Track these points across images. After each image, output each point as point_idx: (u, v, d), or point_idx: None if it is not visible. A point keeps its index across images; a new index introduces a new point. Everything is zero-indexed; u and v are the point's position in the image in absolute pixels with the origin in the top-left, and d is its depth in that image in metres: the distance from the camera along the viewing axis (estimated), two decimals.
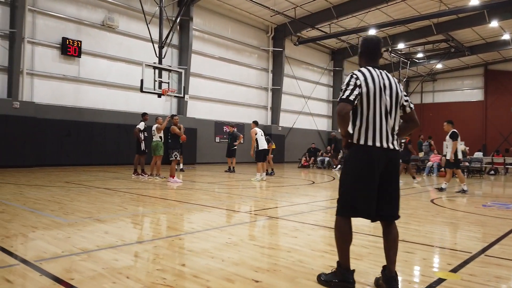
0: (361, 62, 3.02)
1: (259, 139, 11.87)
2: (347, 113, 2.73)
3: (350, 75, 2.83)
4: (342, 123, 2.77)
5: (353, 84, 2.77)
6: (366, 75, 2.82)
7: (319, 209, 6.61)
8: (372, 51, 2.99)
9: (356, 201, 2.78)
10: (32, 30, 14.49)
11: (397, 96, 2.87)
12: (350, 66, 29.90)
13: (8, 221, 4.76)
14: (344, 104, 2.73)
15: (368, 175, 2.75)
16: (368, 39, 3.02)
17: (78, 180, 10.20)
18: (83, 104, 15.85)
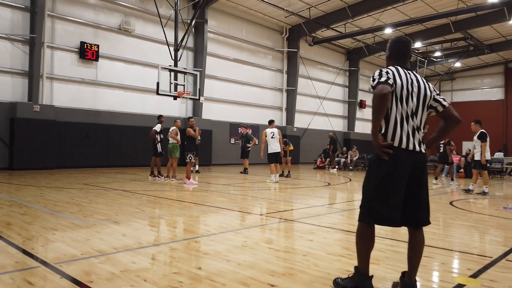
0: (388, 64, 2.89)
1: (270, 142, 11.67)
2: (388, 92, 2.51)
3: (378, 70, 2.70)
4: (380, 108, 2.52)
5: (386, 73, 2.64)
6: (394, 72, 2.71)
7: (335, 212, 6.56)
8: (402, 54, 2.86)
9: (380, 208, 2.65)
10: (51, 35, 14.84)
11: (425, 96, 2.73)
12: (365, 66, 29.63)
13: (29, 223, 4.88)
14: (383, 85, 2.54)
15: (393, 180, 2.62)
16: (398, 41, 2.89)
17: (96, 182, 10.38)
18: (101, 107, 16.13)
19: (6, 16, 13.87)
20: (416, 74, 2.81)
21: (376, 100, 2.53)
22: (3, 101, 13.78)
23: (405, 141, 2.65)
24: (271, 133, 11.72)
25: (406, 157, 2.65)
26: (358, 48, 27.36)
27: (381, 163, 2.68)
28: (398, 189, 2.64)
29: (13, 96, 14.06)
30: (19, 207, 6.04)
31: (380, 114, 2.56)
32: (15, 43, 14.10)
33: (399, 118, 2.66)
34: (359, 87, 28.67)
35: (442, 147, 12.44)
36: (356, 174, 16.34)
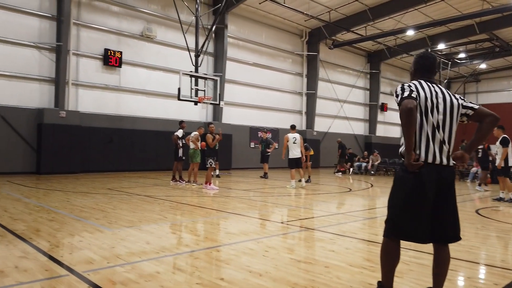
0: (413, 79, 2.87)
1: (291, 147, 11.60)
2: (414, 107, 2.49)
3: (400, 85, 2.70)
4: (409, 124, 2.50)
5: (408, 87, 2.65)
6: (416, 85, 2.70)
7: (357, 220, 6.50)
8: (427, 69, 2.84)
9: (406, 224, 2.62)
10: (76, 43, 15.28)
11: (451, 106, 2.68)
12: (387, 68, 29.24)
13: (57, 230, 5.04)
14: (407, 99, 2.52)
15: (419, 195, 2.58)
16: (424, 56, 2.86)
17: (119, 186, 10.61)
18: (124, 112, 16.49)
19: (34, 25, 14.37)
20: (440, 87, 2.78)
21: (403, 116, 2.51)
22: (31, 107, 14.27)
23: (431, 155, 2.61)
24: (293, 138, 11.65)
25: (432, 172, 2.61)
26: (379, 50, 27.03)
27: (407, 178, 2.66)
28: (424, 205, 2.60)
29: (40, 103, 14.54)
30: (47, 213, 6.24)
31: (411, 129, 2.52)
32: (43, 51, 14.59)
33: (424, 131, 2.63)
34: (380, 89, 28.30)
35: (481, 152, 12.15)
36: (378, 179, 16.11)
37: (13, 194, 8.49)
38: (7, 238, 4.55)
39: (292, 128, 12.08)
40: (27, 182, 11.25)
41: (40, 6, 14.48)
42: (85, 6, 15.52)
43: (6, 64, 13.73)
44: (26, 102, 14.21)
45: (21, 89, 14.11)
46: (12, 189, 9.43)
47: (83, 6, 15.47)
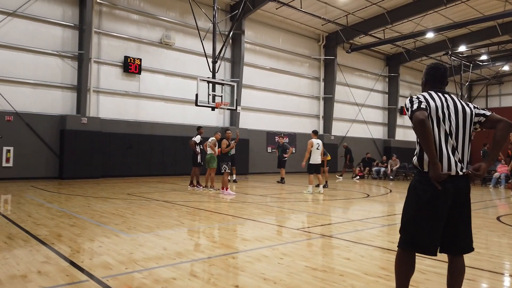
0: (424, 90, 2.87)
1: (314, 152, 11.53)
2: (426, 118, 2.49)
3: (409, 98, 2.72)
4: (425, 135, 2.49)
5: (417, 99, 2.66)
6: (425, 96, 2.71)
7: (374, 227, 6.44)
8: (438, 80, 2.83)
9: (418, 235, 2.62)
10: (97, 51, 15.68)
11: (464, 115, 2.65)
12: (406, 72, 28.85)
13: (78, 235, 5.19)
14: (418, 111, 2.53)
15: (432, 207, 2.56)
16: (434, 67, 2.86)
17: (138, 192, 10.80)
18: (143, 118, 16.80)
19: (57, 34, 14.84)
20: (452, 96, 2.77)
21: (417, 128, 2.51)
22: (54, 114, 14.70)
23: (445, 166, 2.59)
24: (316, 143, 11.52)
25: (447, 182, 2.58)
26: (398, 53, 26.71)
27: (421, 188, 2.64)
28: (438, 216, 2.58)
29: (63, 109, 14.97)
30: (68, 218, 6.43)
31: (428, 140, 2.50)
32: (65, 59, 15.04)
33: (437, 141, 2.61)
34: (399, 93, 27.91)
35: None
36: (397, 185, 15.88)
37: (37, 199, 8.76)
38: (31, 243, 4.72)
39: (315, 134, 11.94)
40: (50, 187, 11.58)
41: (63, 15, 14.95)
42: (106, 15, 15.93)
43: (30, 72, 14.21)
44: (49, 109, 14.66)
45: (44, 96, 14.56)
46: (36, 194, 9.73)
47: (104, 15, 15.88)
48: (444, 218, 2.59)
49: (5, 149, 13.56)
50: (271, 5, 18.74)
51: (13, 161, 13.69)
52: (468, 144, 2.68)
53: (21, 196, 9.26)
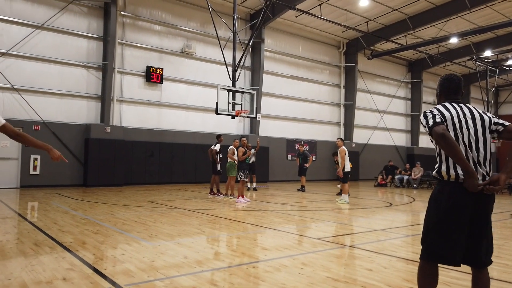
0: (439, 101, 2.86)
1: (346, 160, 11.16)
2: (445, 131, 2.47)
3: (423, 113, 2.72)
4: (450, 147, 2.46)
5: (431, 113, 2.64)
6: (439, 108, 2.70)
7: (397, 237, 6.30)
8: (453, 91, 2.82)
9: (440, 246, 2.57)
10: (121, 61, 16.08)
11: (482, 123, 2.62)
12: (429, 77, 28.31)
13: (101, 243, 5.29)
14: (436, 127, 2.51)
15: (453, 217, 2.52)
16: (448, 79, 2.84)
17: (160, 199, 10.94)
18: (164, 127, 17.06)
19: (83, 46, 15.31)
20: (469, 106, 2.74)
21: (440, 143, 2.50)
22: (79, 123, 15.12)
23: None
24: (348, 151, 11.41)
25: (466, 192, 2.52)
26: (420, 59, 26.26)
27: (441, 198, 2.62)
28: (460, 226, 2.53)
29: (87, 118, 15.38)
30: (92, 226, 6.56)
31: (455, 151, 2.46)
32: (90, 69, 15.48)
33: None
34: (422, 99, 27.38)
35: None
36: (421, 193, 15.52)
37: (62, 207, 8.99)
38: (56, 250, 4.83)
39: (343, 141, 11.79)
40: (75, 195, 11.88)
41: (88, 28, 15.43)
42: (129, 26, 16.35)
43: (57, 83, 14.69)
44: (74, 118, 15.08)
45: (70, 106, 15.01)
46: (61, 202, 9.99)
47: (127, 26, 16.30)
48: (466, 228, 2.54)
49: (33, 158, 14.01)
50: (290, 13, 18.81)
51: (40, 169, 14.12)
52: (489, 151, 2.62)
53: (48, 204, 9.52)
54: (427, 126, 2.60)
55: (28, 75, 14.09)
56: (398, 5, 18.82)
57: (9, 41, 13.72)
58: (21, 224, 6.77)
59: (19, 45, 13.89)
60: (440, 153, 2.64)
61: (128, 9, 16.27)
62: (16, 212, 8.22)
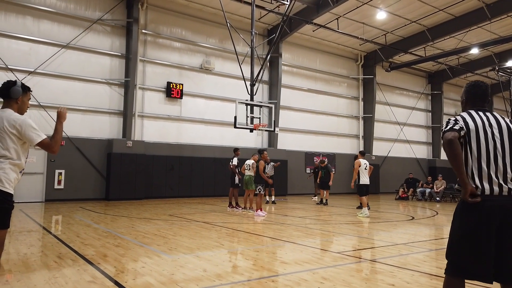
0: (465, 109, 2.79)
1: (362, 173, 11.13)
2: (453, 138, 2.45)
3: (449, 118, 2.68)
4: (452, 156, 2.45)
5: (454, 120, 2.61)
6: (464, 116, 2.64)
7: (420, 251, 6.15)
8: (479, 98, 2.75)
9: (466, 261, 2.47)
10: (142, 78, 16.50)
11: (509, 132, 2.56)
12: (450, 89, 27.86)
13: (122, 255, 5.36)
14: (448, 132, 2.51)
15: (478, 230, 2.44)
16: (475, 85, 2.78)
17: (180, 213, 11.03)
18: (184, 141, 17.30)
19: (106, 64, 15.81)
20: (495, 114, 2.68)
21: (445, 148, 2.50)
22: (102, 138, 15.50)
23: (492, 186, 2.48)
24: (364, 163, 11.28)
25: (494, 204, 2.45)
26: (440, 70, 25.93)
27: (466, 211, 2.54)
28: (485, 240, 2.44)
29: (110, 134, 15.76)
30: (113, 239, 6.67)
31: (456, 160, 2.46)
32: (113, 86, 15.93)
33: (481, 161, 2.51)
34: (443, 111, 26.90)
35: None
36: (444, 207, 15.12)
37: (85, 220, 9.18)
38: (78, 262, 4.93)
39: (362, 154, 11.69)
40: (97, 208, 12.10)
41: (111, 46, 15.94)
42: (150, 44, 16.81)
43: (81, 99, 15.16)
44: (97, 134, 15.48)
45: (93, 121, 15.43)
46: (84, 215, 10.20)
47: (148, 44, 16.76)
48: (492, 241, 2.45)
49: (57, 172, 14.40)
50: (307, 27, 18.96)
51: (64, 183, 14.49)
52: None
53: (71, 217, 9.74)
54: (443, 129, 2.59)
55: (53, 92, 14.61)
56: (416, 17, 18.73)
57: (37, 60, 14.30)
58: (45, 237, 6.95)
59: (46, 64, 14.45)
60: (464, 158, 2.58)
61: (149, 27, 16.76)
62: (40, 226, 8.44)
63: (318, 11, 17.33)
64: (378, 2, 17.29)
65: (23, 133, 3.04)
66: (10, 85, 3.17)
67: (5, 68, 13.66)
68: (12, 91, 3.15)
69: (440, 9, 17.90)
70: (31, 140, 3.06)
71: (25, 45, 14.23)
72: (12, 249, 5.68)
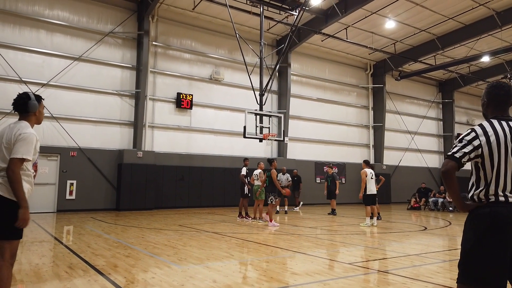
0: (486, 112, 2.69)
1: (369, 182, 11.05)
2: (448, 170, 2.47)
3: (469, 131, 2.55)
4: (446, 183, 2.53)
5: (467, 140, 2.49)
6: (486, 128, 2.50)
7: (433, 262, 6.04)
8: (501, 100, 2.61)
9: (479, 269, 2.41)
10: (153, 89, 16.68)
11: None
12: (461, 97, 27.59)
13: (132, 266, 5.37)
14: (446, 160, 2.51)
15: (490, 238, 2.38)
16: (497, 86, 2.65)
17: (190, 223, 11.02)
18: (194, 151, 17.37)
19: (117, 75, 16.04)
20: None
21: (442, 178, 2.53)
22: (113, 149, 15.65)
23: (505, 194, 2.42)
24: (370, 173, 11.22)
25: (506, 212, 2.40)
26: (451, 79, 25.72)
27: (477, 219, 2.49)
28: (498, 248, 2.38)
29: (121, 144, 15.91)
30: (124, 249, 6.68)
31: (451, 190, 2.53)
32: (124, 97, 16.13)
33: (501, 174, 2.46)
34: (455, 119, 26.61)
35: None
36: (457, 217, 14.86)
37: (96, 230, 9.23)
38: (89, 273, 4.95)
39: (367, 164, 11.63)
40: (108, 219, 12.17)
41: (122, 58, 16.19)
42: (160, 56, 17.03)
43: (92, 110, 15.37)
44: (108, 144, 15.64)
45: (104, 132, 15.61)
46: (95, 225, 10.26)
47: (159, 56, 16.98)
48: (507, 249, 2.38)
49: (69, 183, 14.55)
50: (316, 37, 19.04)
51: (75, 193, 14.62)
52: None
53: (82, 227, 9.81)
54: (450, 149, 2.55)
55: (66, 104, 14.84)
56: (425, 26, 18.69)
57: (50, 72, 14.58)
58: (57, 247, 6.99)
59: (58, 76, 14.72)
60: (477, 175, 2.53)
61: (159, 39, 17.00)
62: (52, 236, 8.51)
63: (327, 21, 17.40)
64: (386, 11, 17.31)
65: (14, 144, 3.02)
66: (26, 100, 3.21)
67: (19, 81, 13.95)
68: (30, 106, 3.20)
69: (449, 18, 17.84)
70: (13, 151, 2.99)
71: (38, 58, 14.53)
72: (24, 259, 5.73)
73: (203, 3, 16.19)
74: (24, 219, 2.99)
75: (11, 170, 2.98)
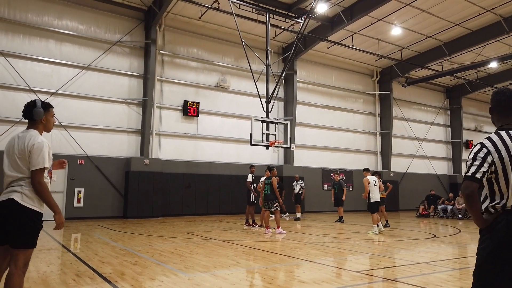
0: (493, 118, 2.71)
1: (372, 190, 11.06)
2: (472, 191, 2.42)
3: (479, 146, 2.51)
4: (469, 205, 2.46)
5: (481, 158, 2.45)
6: (496, 142, 2.47)
7: (443, 270, 5.95)
8: (504, 106, 2.62)
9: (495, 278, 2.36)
10: (160, 97, 16.80)
11: None
12: (469, 103, 27.39)
13: (139, 274, 5.36)
14: (468, 182, 2.44)
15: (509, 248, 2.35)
16: (499, 92, 2.67)
17: (196, 231, 11.01)
18: (200, 158, 17.41)
19: (124, 84, 16.19)
20: None
21: (465, 201, 2.48)
22: (120, 157, 15.74)
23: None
24: (372, 180, 11.17)
25: None
26: (459, 85, 25.56)
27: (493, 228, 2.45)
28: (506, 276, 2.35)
29: (128, 152, 16.00)
30: (131, 257, 6.69)
31: (474, 210, 2.47)
32: (131, 105, 16.26)
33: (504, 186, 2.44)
34: (463, 126, 26.38)
35: None
36: (467, 224, 14.67)
37: (103, 238, 9.25)
38: (96, 281, 4.95)
39: (367, 171, 11.61)
40: (115, 226, 12.20)
41: (130, 67, 16.36)
42: (167, 64, 17.17)
43: (100, 119, 15.50)
44: (116, 152, 15.74)
45: (112, 140, 15.72)
46: (102, 233, 10.29)
47: (166, 64, 17.13)
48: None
49: (77, 190, 14.64)
50: (322, 44, 19.07)
51: (83, 201, 14.70)
52: None
53: (90, 235, 9.84)
54: (467, 170, 2.49)
55: (74, 112, 14.99)
56: (431, 32, 18.65)
57: (58, 81, 14.76)
58: (64, 255, 7.02)
59: (67, 85, 14.89)
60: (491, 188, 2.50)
61: (166, 48, 17.16)
62: (60, 244, 8.54)
63: (333, 28, 17.45)
64: (392, 18, 17.31)
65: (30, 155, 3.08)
66: (31, 107, 3.25)
67: (28, 90, 14.13)
68: (35, 113, 3.24)
69: (456, 24, 17.79)
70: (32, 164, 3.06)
71: (47, 67, 14.73)
72: (32, 267, 5.75)
73: (209, 12, 16.34)
74: (60, 223, 3.21)
75: (37, 182, 3.05)
